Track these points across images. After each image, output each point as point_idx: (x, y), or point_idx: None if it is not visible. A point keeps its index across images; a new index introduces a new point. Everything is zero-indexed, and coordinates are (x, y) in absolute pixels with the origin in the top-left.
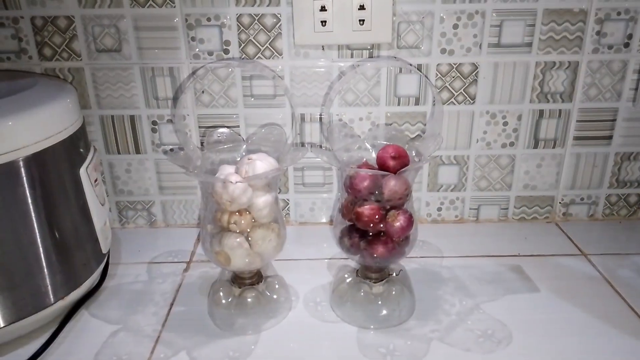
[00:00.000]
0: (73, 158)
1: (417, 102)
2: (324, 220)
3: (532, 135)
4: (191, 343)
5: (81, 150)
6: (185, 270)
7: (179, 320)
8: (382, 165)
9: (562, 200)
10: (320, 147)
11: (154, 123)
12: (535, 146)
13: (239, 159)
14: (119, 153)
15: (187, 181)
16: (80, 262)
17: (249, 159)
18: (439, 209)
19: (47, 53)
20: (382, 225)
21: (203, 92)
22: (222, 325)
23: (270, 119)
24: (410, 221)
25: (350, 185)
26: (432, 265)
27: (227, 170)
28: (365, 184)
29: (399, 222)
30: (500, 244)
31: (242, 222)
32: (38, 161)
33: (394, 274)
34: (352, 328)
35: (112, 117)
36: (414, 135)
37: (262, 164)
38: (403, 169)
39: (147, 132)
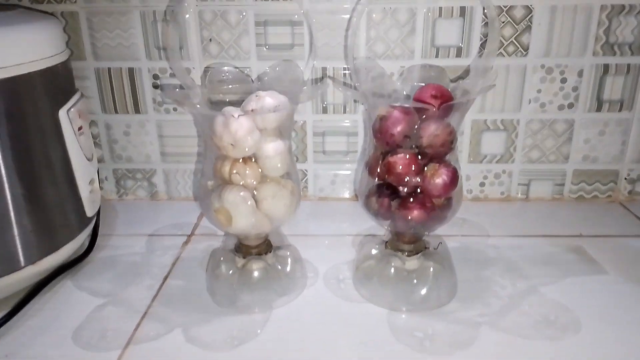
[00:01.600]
0: (53, 96)
1: (458, 54)
2: (346, 195)
3: (595, 96)
4: (188, 320)
5: (64, 90)
6: (186, 242)
7: (174, 295)
8: (421, 111)
9: (628, 175)
10: (344, 84)
11: (155, 77)
12: (598, 109)
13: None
14: (116, 112)
15: (194, 146)
16: (59, 222)
17: (257, 96)
18: (482, 184)
19: None
20: (419, 180)
21: (211, 40)
22: (222, 302)
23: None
24: (454, 177)
25: (380, 129)
26: (475, 244)
27: (231, 111)
28: (400, 127)
29: (440, 177)
30: (556, 222)
31: (247, 171)
32: (8, 89)
33: (432, 248)
34: (382, 310)
35: (109, 69)
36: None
37: (273, 100)
38: (448, 104)
39: (147, 87)
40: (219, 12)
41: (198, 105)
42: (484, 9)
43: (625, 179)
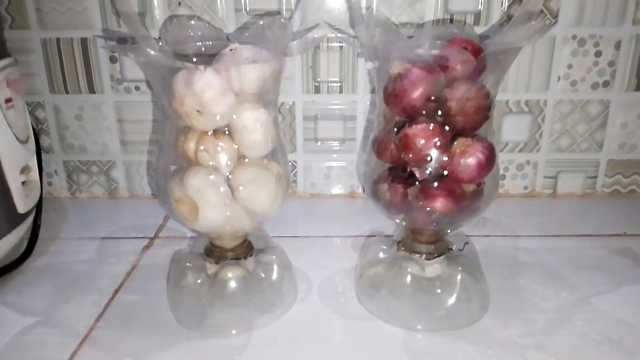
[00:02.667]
0: None
1: (477, 21)
2: (343, 191)
3: (634, 73)
4: (142, 346)
5: None
6: (147, 247)
7: (126, 312)
8: (446, 69)
9: None
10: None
11: (114, 50)
12: (638, 88)
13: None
14: (66, 92)
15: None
16: None
17: (231, 50)
18: (502, 177)
19: None
20: (445, 159)
21: (180, 3)
22: (187, 321)
23: None
24: (491, 155)
25: (395, 91)
26: (503, 247)
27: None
28: (421, 89)
29: (473, 156)
30: (591, 221)
31: (219, 148)
32: None
33: (457, 249)
34: (395, 329)
35: (58, 40)
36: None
37: (252, 55)
38: (489, 52)
39: (104, 62)
40: None
41: (152, 52)
42: None
43: None
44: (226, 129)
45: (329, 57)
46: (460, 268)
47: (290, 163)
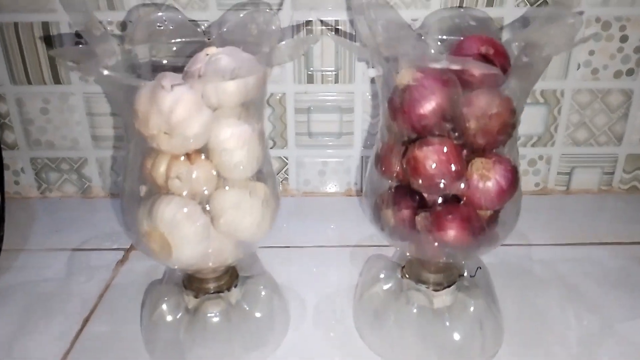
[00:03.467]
0: None
1: (490, 3)
2: (339, 189)
3: None
4: None
5: None
6: (122, 261)
7: (97, 349)
8: (461, 75)
9: None
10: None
11: (79, 36)
12: None
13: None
14: (29, 83)
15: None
16: None
17: (207, 55)
18: None
19: None
20: (461, 185)
21: None
22: None
23: None
24: (513, 180)
25: (403, 105)
26: (515, 258)
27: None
28: (434, 102)
29: (492, 178)
30: (609, 223)
31: (194, 175)
32: None
33: (468, 275)
34: None
35: (16, 25)
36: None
37: (232, 61)
38: (520, 63)
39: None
40: None
41: (105, 72)
42: None
43: None
44: (202, 150)
45: (323, 43)
46: (471, 297)
47: (282, 159)
